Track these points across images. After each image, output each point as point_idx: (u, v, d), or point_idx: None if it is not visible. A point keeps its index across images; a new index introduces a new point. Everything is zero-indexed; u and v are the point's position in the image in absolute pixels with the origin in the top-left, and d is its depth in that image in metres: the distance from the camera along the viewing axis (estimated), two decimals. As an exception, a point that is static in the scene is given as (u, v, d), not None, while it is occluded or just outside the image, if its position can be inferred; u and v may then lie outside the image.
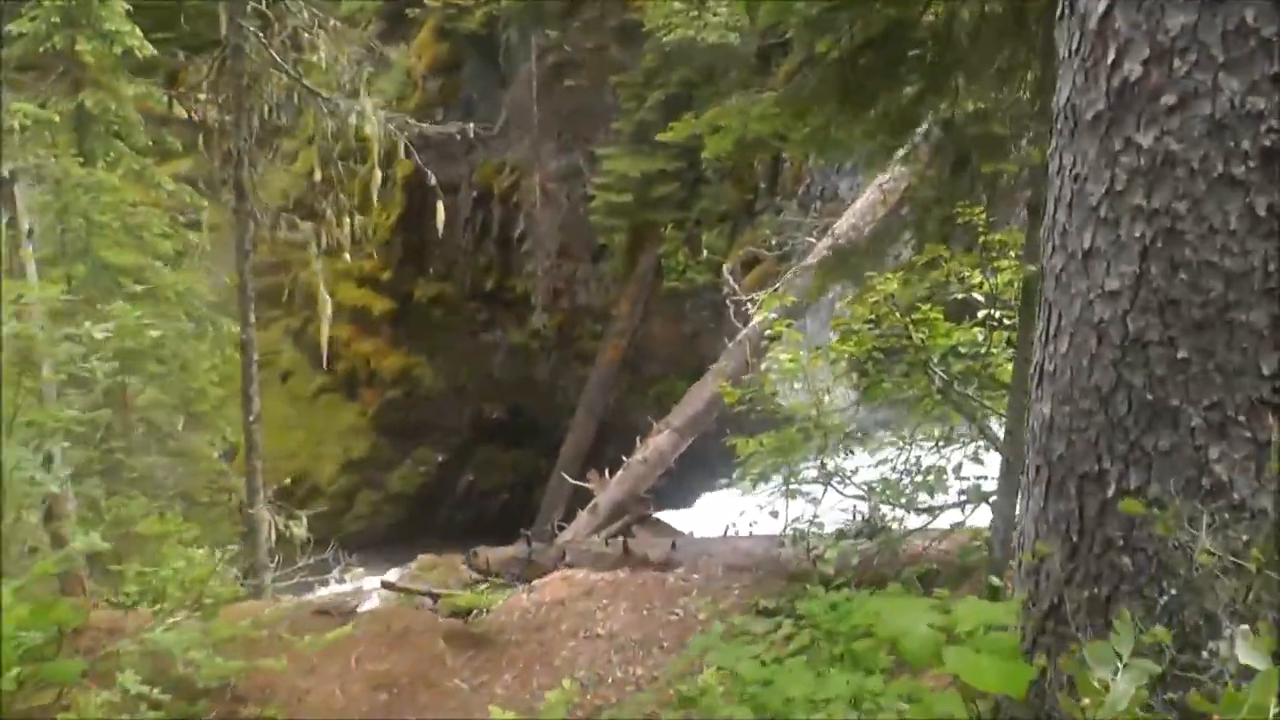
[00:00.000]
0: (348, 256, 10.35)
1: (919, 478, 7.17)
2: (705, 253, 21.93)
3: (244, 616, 8.24)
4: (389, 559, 25.24)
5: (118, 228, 13.31)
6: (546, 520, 23.11)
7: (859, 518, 7.94)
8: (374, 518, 26.75)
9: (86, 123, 14.06)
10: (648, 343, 23.77)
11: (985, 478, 6.80)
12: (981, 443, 7.18)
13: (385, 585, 15.24)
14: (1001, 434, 6.52)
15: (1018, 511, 3.60)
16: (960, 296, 7.43)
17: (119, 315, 11.24)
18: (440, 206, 11.20)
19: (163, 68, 14.07)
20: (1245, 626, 2.43)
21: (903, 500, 7.29)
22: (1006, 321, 7.34)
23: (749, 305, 17.48)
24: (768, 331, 8.87)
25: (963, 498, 6.91)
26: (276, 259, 27.59)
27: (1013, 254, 7.16)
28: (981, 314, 7.72)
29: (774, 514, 8.58)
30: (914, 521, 7.47)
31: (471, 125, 11.97)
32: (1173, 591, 2.75)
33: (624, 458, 17.19)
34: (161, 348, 13.44)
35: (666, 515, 17.05)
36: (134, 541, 13.11)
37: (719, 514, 17.75)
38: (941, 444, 7.46)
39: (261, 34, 8.43)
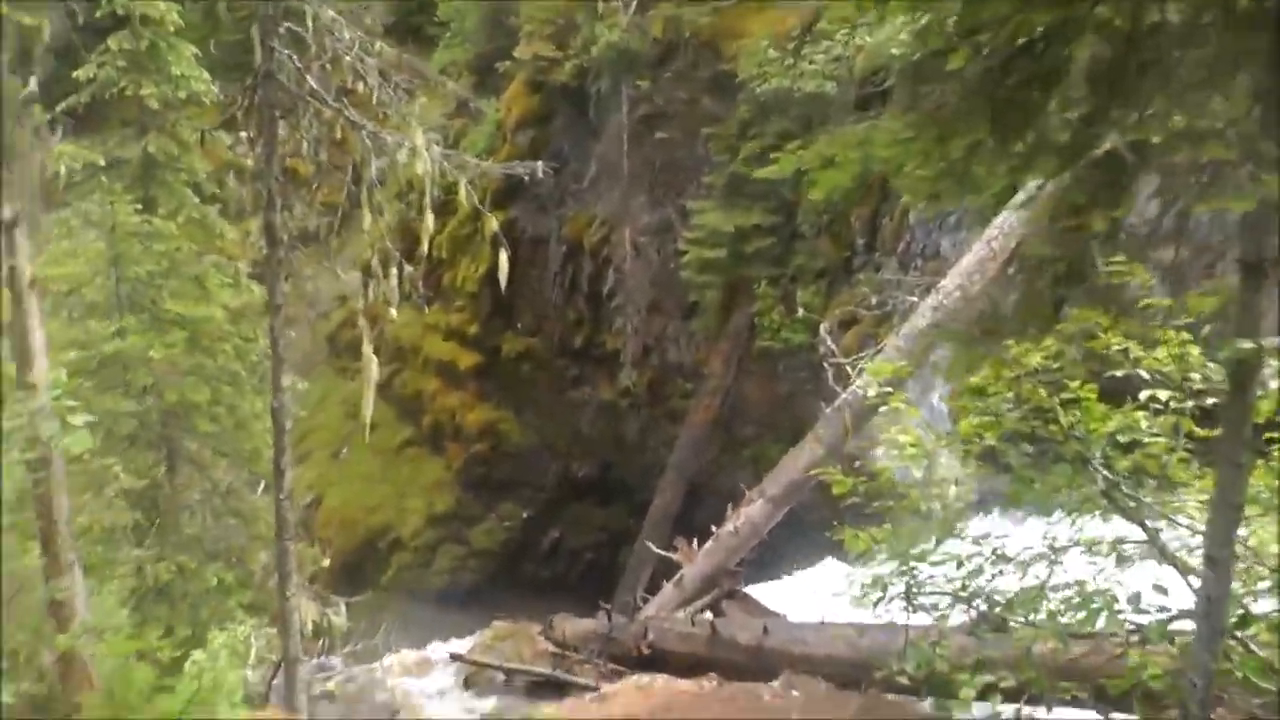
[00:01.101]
0: (393, 312, 9.16)
1: (1071, 595, 5.75)
2: (801, 311, 20.54)
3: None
4: (472, 614, 24.16)
5: (179, 277, 12.50)
6: (631, 585, 21.79)
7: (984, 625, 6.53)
8: (457, 572, 25.73)
9: (151, 169, 13.25)
10: (741, 403, 22.40)
11: (1167, 609, 5.36)
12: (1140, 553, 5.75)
13: (454, 658, 14.09)
14: (1185, 552, 5.17)
15: None
16: (1122, 373, 6.02)
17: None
18: (504, 258, 10.05)
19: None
20: None
21: (1041, 617, 5.88)
22: (1173, 405, 5.91)
23: (849, 368, 16.13)
24: (882, 409, 7.47)
25: (1131, 631, 5.47)
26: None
27: (1182, 319, 5.77)
28: (1144, 395, 6.29)
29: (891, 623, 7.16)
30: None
31: (540, 163, 10.69)
32: None
33: (714, 528, 15.82)
34: (216, 404, 12.51)
35: (758, 589, 15.65)
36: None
37: (814, 588, 16.38)
38: (1102, 553, 6.01)
39: (298, 59, 7.34)
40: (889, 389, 7.43)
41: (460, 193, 9.44)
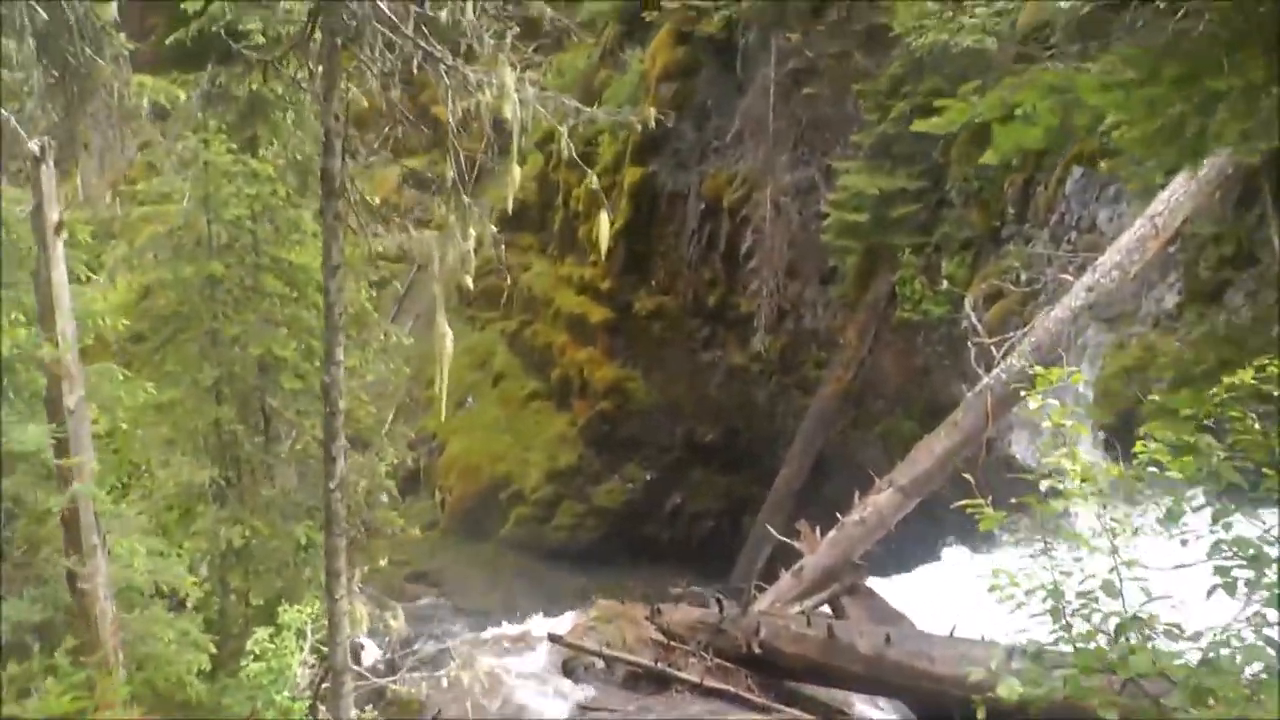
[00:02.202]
0: (468, 280, 7.79)
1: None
2: (945, 283, 18.80)
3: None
4: (588, 573, 23.18)
5: (275, 221, 11.38)
6: (749, 563, 20.48)
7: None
8: (576, 529, 24.62)
9: (258, 108, 12.14)
10: (875, 376, 20.77)
11: None
12: None
13: (553, 639, 12.87)
14: None
15: None
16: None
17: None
18: (604, 218, 8.47)
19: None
20: None
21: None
22: None
23: (993, 348, 14.45)
24: (1044, 425, 5.87)
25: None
26: (497, 261, 25.84)
27: None
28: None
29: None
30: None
31: (654, 111, 9.19)
32: None
33: (839, 515, 14.33)
34: (307, 360, 11.37)
35: (881, 584, 14.15)
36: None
37: (943, 587, 14.79)
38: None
39: (364, -22, 6.02)
40: (1053, 400, 5.84)
41: (562, 140, 7.97)
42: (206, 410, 11.19)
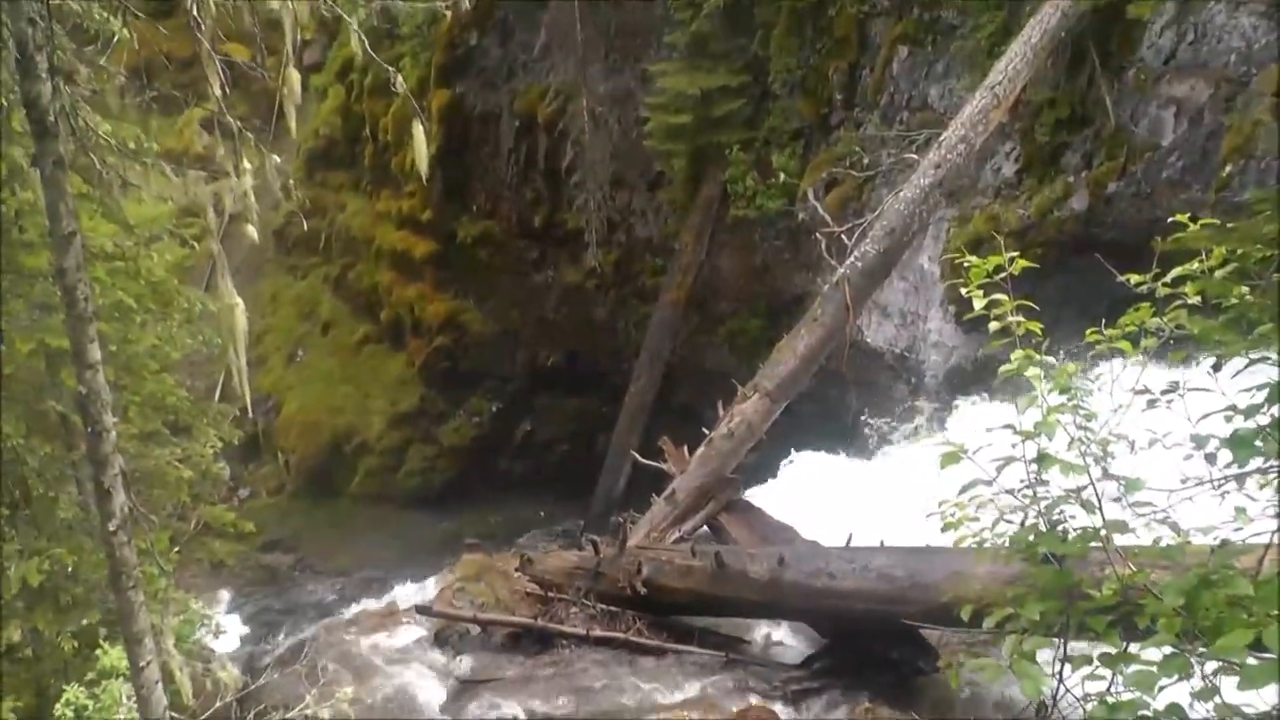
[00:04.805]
0: (252, 230, 6.17)
1: None
2: (782, 176, 17.74)
3: None
4: (445, 515, 21.78)
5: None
6: (610, 484, 19.30)
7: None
8: (427, 473, 23.11)
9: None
10: (715, 278, 19.70)
11: None
12: None
13: (420, 611, 11.43)
14: None
15: None
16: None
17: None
18: (419, 131, 6.81)
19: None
20: None
21: None
22: None
23: (844, 237, 13.41)
24: (993, 330, 4.62)
25: None
26: (310, 203, 23.78)
27: None
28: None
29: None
30: None
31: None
32: None
33: (694, 421, 13.26)
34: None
35: (756, 494, 13.09)
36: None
37: (812, 486, 13.86)
38: None
39: None
40: (999, 297, 4.62)
41: (352, 41, 6.41)
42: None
